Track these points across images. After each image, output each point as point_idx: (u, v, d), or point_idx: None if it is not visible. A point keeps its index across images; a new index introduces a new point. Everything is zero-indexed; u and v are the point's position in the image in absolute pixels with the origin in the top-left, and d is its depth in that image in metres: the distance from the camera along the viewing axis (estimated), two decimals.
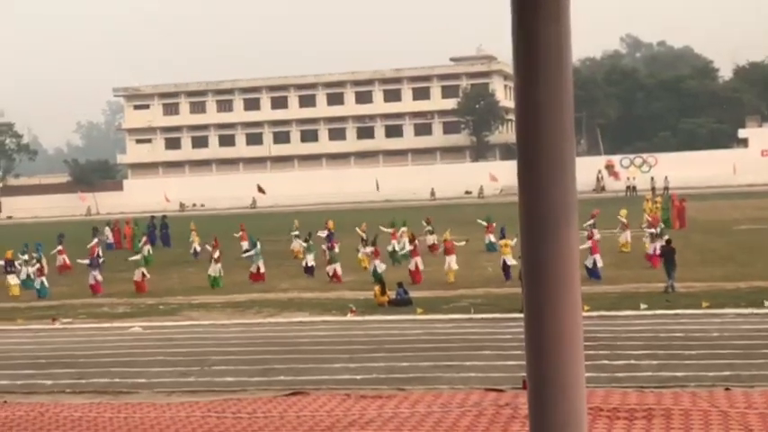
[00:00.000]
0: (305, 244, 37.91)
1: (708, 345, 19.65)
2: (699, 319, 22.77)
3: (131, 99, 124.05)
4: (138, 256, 36.33)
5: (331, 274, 34.10)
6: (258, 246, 35.99)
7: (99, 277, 34.41)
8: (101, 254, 39.42)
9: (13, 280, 35.35)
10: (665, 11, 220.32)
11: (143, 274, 34.31)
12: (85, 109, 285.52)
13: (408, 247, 34.37)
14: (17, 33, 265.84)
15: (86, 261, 35.73)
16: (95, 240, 44.58)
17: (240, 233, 44.55)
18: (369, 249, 34.76)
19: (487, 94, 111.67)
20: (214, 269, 34.40)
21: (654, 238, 33.47)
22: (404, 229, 40.42)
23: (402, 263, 36.37)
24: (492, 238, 40.14)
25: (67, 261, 41.17)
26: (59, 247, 41.93)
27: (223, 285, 33.87)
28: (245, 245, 42.18)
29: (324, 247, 37.25)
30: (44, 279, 34.64)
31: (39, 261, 36.05)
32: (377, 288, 28.08)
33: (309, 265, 36.05)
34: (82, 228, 51.97)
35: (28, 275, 36.12)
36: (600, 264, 31.13)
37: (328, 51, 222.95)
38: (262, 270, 35.13)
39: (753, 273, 29.87)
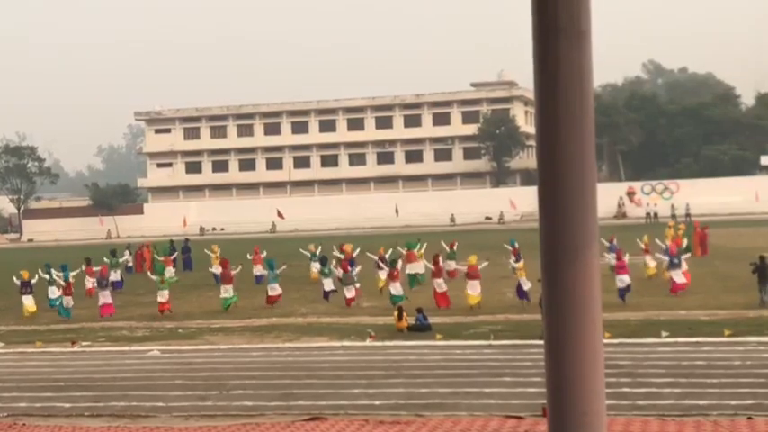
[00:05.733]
0: (322, 267, 37.76)
1: (730, 373, 19.45)
2: (721, 347, 22.55)
3: (152, 123, 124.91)
4: (156, 277, 35.74)
5: (346, 297, 33.95)
6: (275, 268, 35.88)
7: (108, 299, 34.26)
8: (122, 277, 38.86)
9: (27, 300, 35.29)
10: (688, 37, 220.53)
11: (164, 297, 34.31)
12: (107, 133, 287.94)
13: (431, 268, 34.22)
14: (39, 59, 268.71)
15: (93, 281, 35.69)
16: (107, 262, 44.14)
17: (253, 256, 44.27)
18: (392, 272, 34.48)
19: (508, 119, 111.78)
20: (226, 290, 34.48)
21: (673, 266, 33.26)
22: (421, 251, 40.55)
23: (420, 285, 36.37)
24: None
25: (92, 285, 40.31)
26: (85, 268, 40.88)
27: (234, 308, 33.90)
28: (258, 268, 42.22)
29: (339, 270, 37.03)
30: (69, 300, 34.66)
31: (66, 281, 35.73)
32: (396, 313, 28.04)
33: (327, 289, 35.95)
34: (102, 251, 52.13)
35: (48, 295, 36.16)
36: (624, 285, 31.29)
37: (349, 77, 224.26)
38: (278, 292, 35.02)
39: None
